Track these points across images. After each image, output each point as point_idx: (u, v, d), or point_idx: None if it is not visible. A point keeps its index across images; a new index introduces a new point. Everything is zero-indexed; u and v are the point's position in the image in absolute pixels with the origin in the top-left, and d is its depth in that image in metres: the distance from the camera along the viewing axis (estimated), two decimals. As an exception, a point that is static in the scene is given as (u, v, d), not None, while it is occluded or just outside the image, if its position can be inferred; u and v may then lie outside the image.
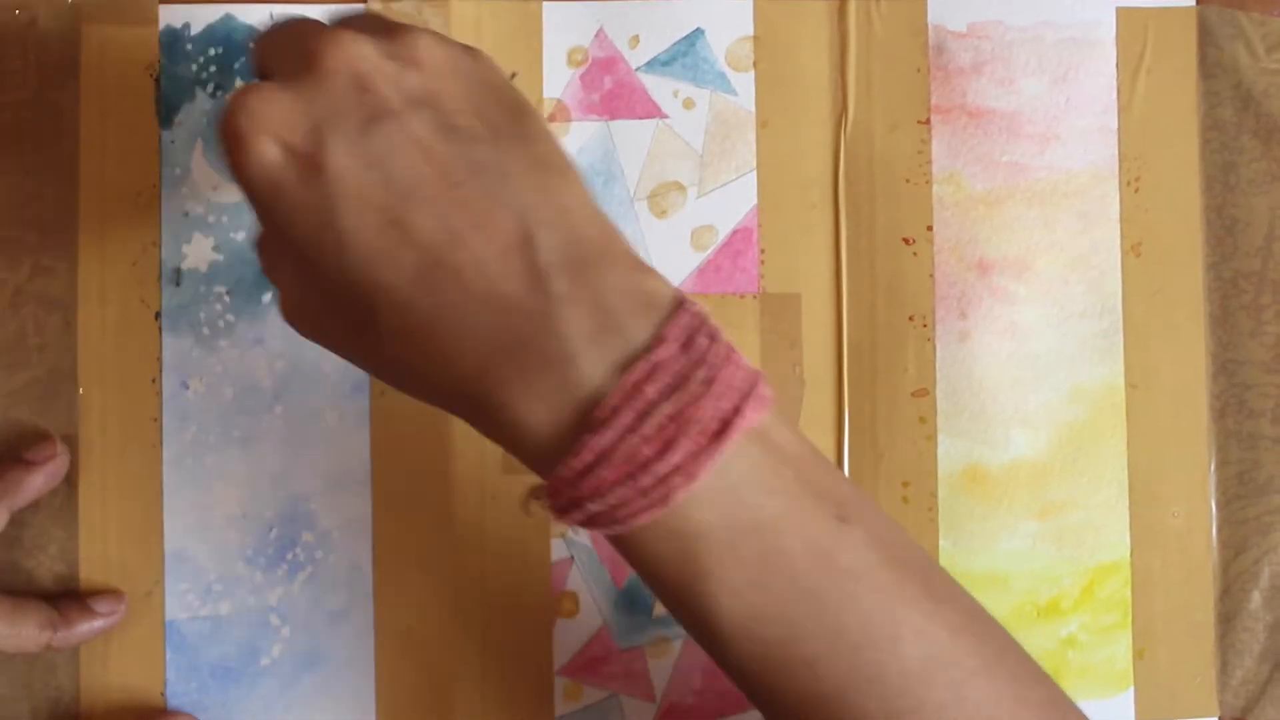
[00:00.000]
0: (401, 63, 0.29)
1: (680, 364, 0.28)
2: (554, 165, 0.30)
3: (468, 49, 0.31)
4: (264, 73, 0.31)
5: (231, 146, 0.29)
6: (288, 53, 0.30)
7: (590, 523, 0.28)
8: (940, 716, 0.29)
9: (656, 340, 0.28)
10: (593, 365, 0.28)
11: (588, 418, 0.28)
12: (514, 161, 0.29)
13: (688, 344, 0.28)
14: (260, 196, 0.29)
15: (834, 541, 0.29)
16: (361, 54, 0.29)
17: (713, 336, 0.28)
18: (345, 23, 0.31)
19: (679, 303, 0.29)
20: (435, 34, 0.30)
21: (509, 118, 0.30)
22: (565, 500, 0.28)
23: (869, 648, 0.29)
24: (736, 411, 0.28)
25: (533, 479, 0.30)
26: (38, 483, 0.40)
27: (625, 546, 0.29)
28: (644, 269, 0.29)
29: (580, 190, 0.30)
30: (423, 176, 0.28)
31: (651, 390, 0.27)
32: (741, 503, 0.28)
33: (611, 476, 0.27)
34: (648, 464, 0.27)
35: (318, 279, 0.29)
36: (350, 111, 0.28)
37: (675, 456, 0.27)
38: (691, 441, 0.27)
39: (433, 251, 0.28)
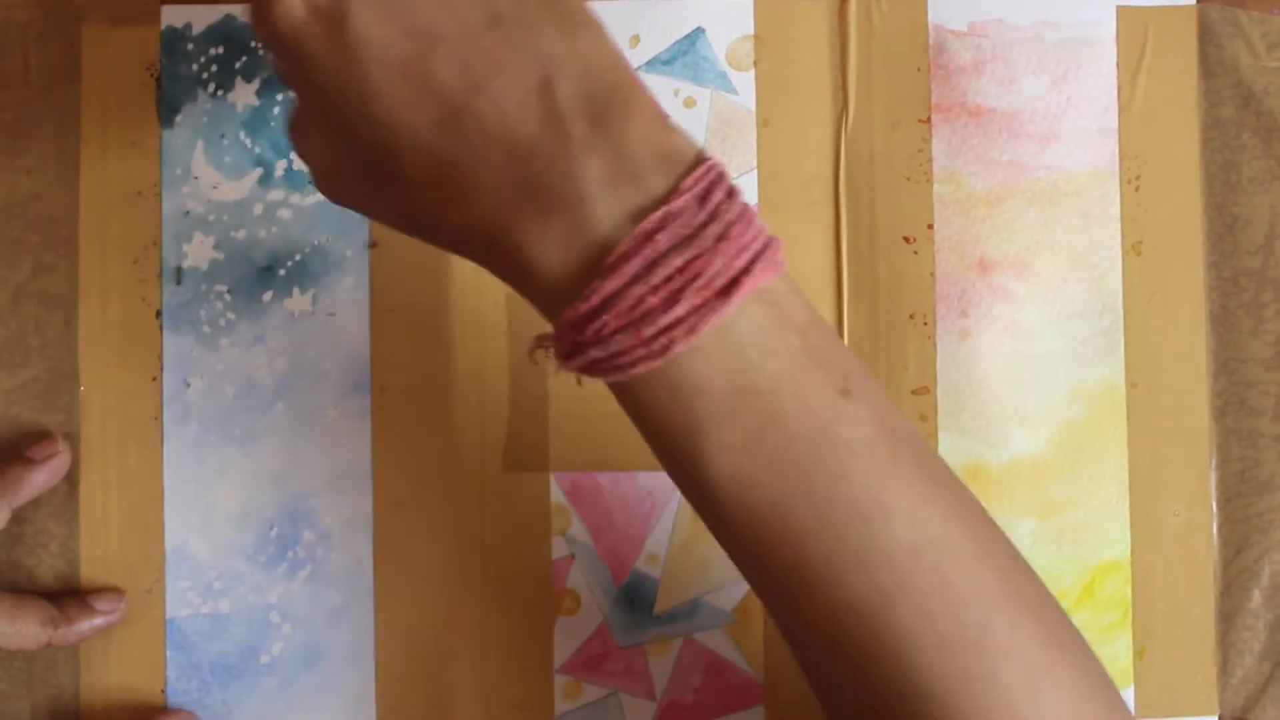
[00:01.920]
0: None
1: (695, 217, 0.28)
2: (575, 15, 0.30)
3: None
4: None
5: (256, 13, 0.29)
6: None
7: (591, 368, 0.29)
8: (924, 600, 0.29)
9: (673, 192, 0.28)
10: (607, 211, 0.28)
11: (598, 263, 0.28)
12: (534, 10, 0.29)
13: (704, 198, 0.28)
14: (286, 54, 0.30)
15: (833, 413, 0.29)
16: None
17: (730, 194, 0.28)
18: None
19: (699, 158, 0.29)
20: None
21: None
22: (569, 344, 0.29)
23: (858, 523, 0.28)
24: (746, 270, 0.28)
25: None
26: (39, 480, 0.40)
27: (625, 397, 0.29)
28: (666, 122, 0.29)
29: (603, 40, 0.30)
30: (443, 27, 0.28)
31: (663, 240, 0.28)
32: (742, 363, 0.28)
33: (615, 323, 0.28)
34: (651, 314, 0.27)
35: (345, 134, 0.30)
36: None
37: (679, 309, 0.27)
38: (697, 295, 0.27)
39: (454, 98, 0.28)
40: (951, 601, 0.29)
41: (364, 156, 0.30)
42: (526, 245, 0.29)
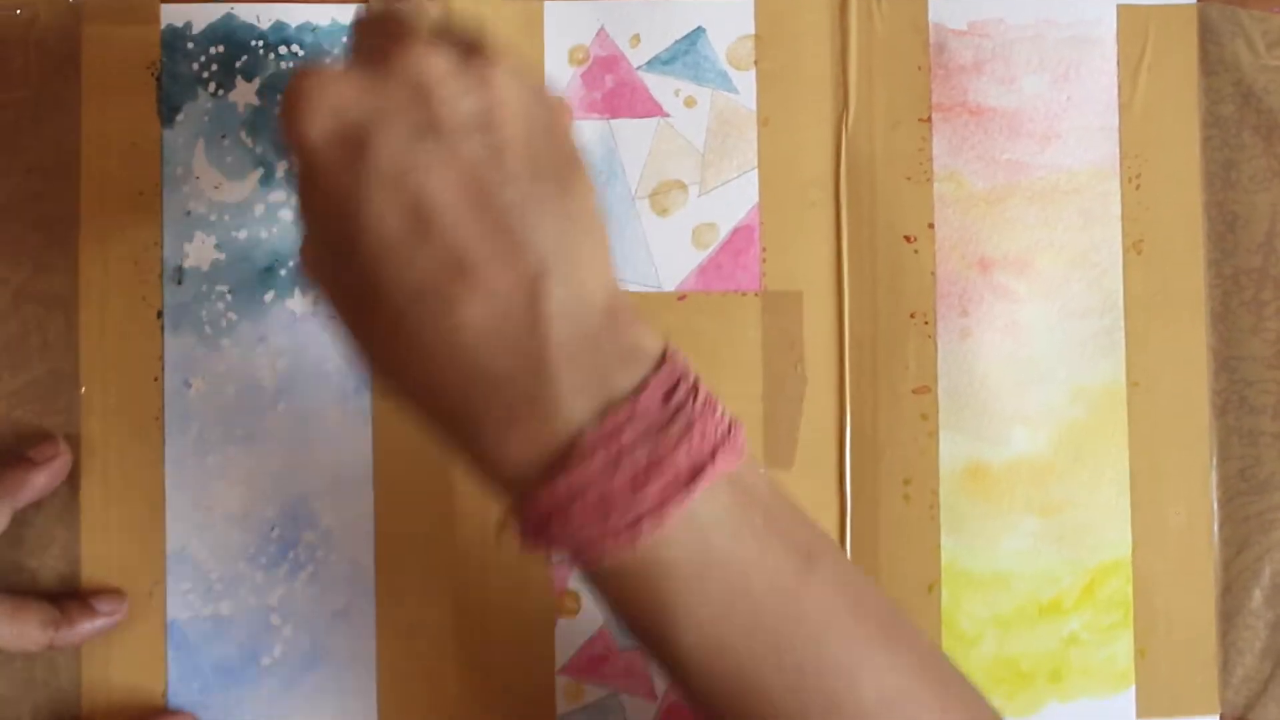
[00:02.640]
0: (467, 85, 0.29)
1: (660, 413, 0.29)
2: (582, 222, 0.30)
3: (543, 93, 0.31)
4: (353, 48, 0.32)
5: (286, 113, 0.29)
6: (372, 40, 0.31)
7: (557, 554, 0.30)
8: None
9: (640, 389, 0.29)
10: (576, 409, 0.29)
11: (565, 457, 0.28)
12: (546, 209, 0.29)
13: (669, 395, 0.29)
14: (301, 159, 0.30)
15: (798, 584, 0.30)
16: (431, 65, 0.29)
17: (694, 388, 0.30)
18: (439, 30, 0.31)
19: (664, 356, 0.30)
20: (517, 67, 0.31)
21: (557, 167, 0.30)
22: (534, 531, 0.29)
23: (827, 684, 0.30)
24: (710, 459, 0.29)
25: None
26: (40, 482, 0.40)
27: (592, 577, 0.30)
28: (637, 324, 0.30)
29: (600, 250, 0.30)
30: (454, 200, 0.28)
31: (629, 435, 0.28)
32: (708, 543, 0.29)
33: (582, 514, 0.28)
34: (619, 504, 0.28)
35: (337, 258, 0.30)
36: (404, 116, 0.29)
37: (646, 498, 0.28)
38: (663, 485, 0.28)
39: (440, 273, 0.28)
40: None
41: (348, 287, 0.30)
42: (489, 433, 0.29)
